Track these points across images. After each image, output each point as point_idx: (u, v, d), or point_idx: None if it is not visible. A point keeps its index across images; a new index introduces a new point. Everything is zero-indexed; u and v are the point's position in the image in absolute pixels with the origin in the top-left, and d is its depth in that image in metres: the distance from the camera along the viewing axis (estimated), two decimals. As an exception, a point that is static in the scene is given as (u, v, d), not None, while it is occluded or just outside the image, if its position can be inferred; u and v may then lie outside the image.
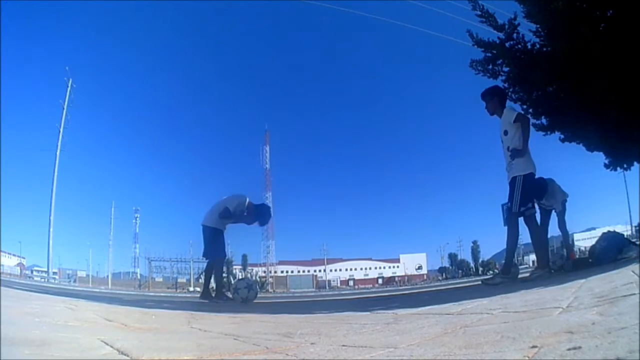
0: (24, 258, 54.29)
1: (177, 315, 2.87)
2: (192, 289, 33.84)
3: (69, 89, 31.63)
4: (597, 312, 1.24)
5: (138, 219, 64.74)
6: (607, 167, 6.27)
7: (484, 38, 5.52)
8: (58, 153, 29.83)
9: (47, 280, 25.31)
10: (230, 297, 4.70)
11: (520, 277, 4.45)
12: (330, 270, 59.08)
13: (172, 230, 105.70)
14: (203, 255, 5.05)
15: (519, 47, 5.34)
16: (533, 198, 4.00)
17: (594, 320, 1.11)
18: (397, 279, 56.86)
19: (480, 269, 49.01)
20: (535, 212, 4.00)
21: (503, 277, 3.83)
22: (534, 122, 5.92)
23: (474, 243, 54.31)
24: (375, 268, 64.28)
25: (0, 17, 28.76)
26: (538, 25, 5.15)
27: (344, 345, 1.26)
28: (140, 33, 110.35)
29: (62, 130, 30.32)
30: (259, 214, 5.02)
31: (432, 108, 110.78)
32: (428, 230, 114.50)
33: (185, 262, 42.46)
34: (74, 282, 38.60)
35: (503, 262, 4.27)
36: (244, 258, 48.33)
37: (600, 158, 6.27)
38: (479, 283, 4.62)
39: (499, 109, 4.04)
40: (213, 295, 4.72)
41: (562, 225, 5.10)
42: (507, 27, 5.29)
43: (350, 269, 62.63)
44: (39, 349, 1.13)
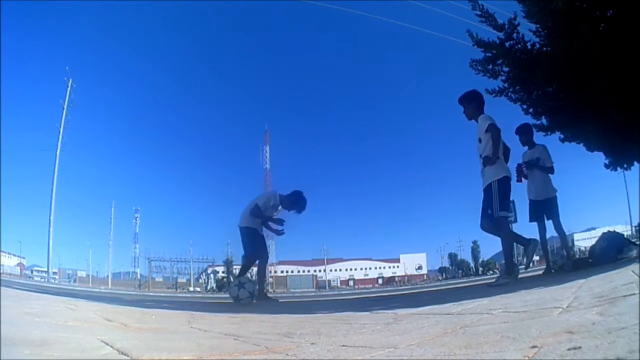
0: (24, 258, 54.37)
1: (177, 315, 2.87)
2: (192, 289, 33.85)
3: (69, 89, 31.66)
4: (597, 312, 1.24)
5: (138, 219, 64.89)
6: (607, 167, 6.27)
7: (484, 38, 5.51)
8: (58, 153, 29.87)
9: (47, 280, 25.31)
10: (270, 297, 4.87)
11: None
12: (330, 270, 59.07)
13: (172, 230, 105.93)
14: (243, 257, 5.11)
15: (519, 47, 5.34)
16: (509, 202, 4.03)
17: (594, 320, 1.10)
18: (397, 279, 56.86)
19: (480, 269, 49.02)
20: (512, 218, 4.03)
21: (507, 278, 3.82)
22: (534, 122, 5.92)
23: (474, 243, 54.30)
24: (375, 268, 64.28)
25: (0, 17, 28.74)
26: (538, 25, 5.14)
27: (344, 345, 1.26)
28: (140, 33, 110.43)
29: (62, 130, 30.37)
30: (293, 202, 4.94)
31: (432, 108, 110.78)
32: (428, 230, 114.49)
33: (185, 262, 42.51)
34: (74, 282, 38.61)
35: (504, 263, 4.28)
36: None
37: (600, 158, 6.28)
38: (480, 283, 4.62)
39: (477, 114, 4.06)
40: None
41: (557, 225, 5.07)
42: (507, 27, 5.29)
43: (350, 269, 62.63)
44: (39, 349, 1.13)
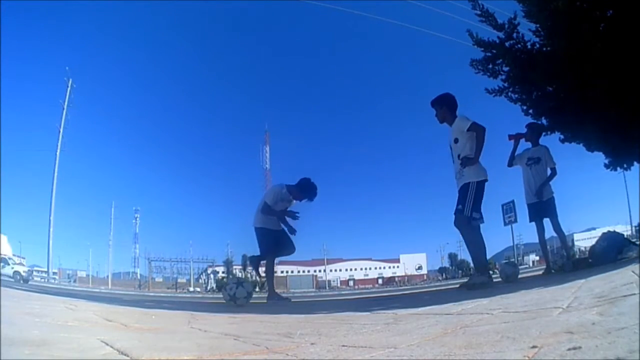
0: (24, 258, 54.31)
1: (177, 315, 2.87)
2: (192, 289, 33.85)
3: (69, 89, 31.69)
4: (597, 312, 1.24)
5: (138, 219, 64.85)
6: (607, 167, 6.26)
7: (484, 38, 5.51)
8: (58, 153, 29.93)
9: (47, 281, 25.31)
10: (284, 297, 4.93)
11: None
12: (330, 271, 59.03)
13: (172, 230, 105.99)
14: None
15: (519, 46, 5.34)
16: (480, 206, 3.82)
17: (594, 320, 1.11)
18: (397, 279, 56.81)
19: (480, 269, 48.88)
20: (483, 222, 3.85)
21: (480, 278, 3.68)
22: (534, 122, 5.92)
23: (474, 243, 54.16)
24: (375, 268, 64.26)
25: (0, 17, 28.75)
26: (538, 25, 5.14)
27: (344, 345, 1.26)
28: (141, 33, 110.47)
29: (62, 130, 30.42)
30: (303, 191, 4.84)
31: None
32: (428, 230, 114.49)
33: (185, 262, 42.51)
34: (74, 282, 38.63)
35: (474, 265, 4.19)
36: (244, 258, 48.26)
37: (600, 158, 6.27)
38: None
39: (449, 117, 4.04)
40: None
41: (556, 226, 5.07)
42: (507, 26, 5.28)
43: (350, 269, 62.61)
44: (39, 349, 1.13)
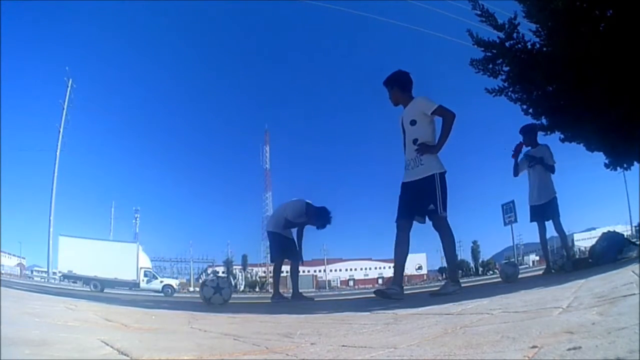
0: (24, 258, 54.30)
1: (177, 316, 2.87)
2: (192, 289, 33.85)
3: (69, 89, 31.66)
4: (597, 312, 1.24)
5: (138, 219, 64.77)
6: (607, 167, 6.26)
7: (484, 38, 5.52)
8: (58, 153, 29.88)
9: (47, 281, 25.31)
10: (287, 297, 5.22)
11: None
12: (330, 271, 59.01)
13: (172, 230, 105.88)
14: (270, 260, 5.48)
15: (519, 46, 5.34)
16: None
17: (594, 320, 1.11)
18: (397, 279, 56.58)
19: (480, 269, 48.99)
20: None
21: (454, 285, 3.32)
22: (534, 122, 5.93)
23: (474, 243, 54.25)
24: (375, 268, 64.17)
25: (0, 17, 28.74)
26: (538, 25, 5.14)
27: (344, 345, 1.26)
28: (141, 33, 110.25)
29: (62, 130, 30.37)
30: (318, 217, 5.15)
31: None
32: (428, 230, 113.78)
33: (185, 262, 42.52)
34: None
35: (449, 269, 3.85)
36: (244, 258, 48.29)
37: (600, 158, 6.27)
38: (480, 283, 4.58)
39: (403, 98, 3.55)
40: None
41: (557, 226, 5.07)
42: (507, 26, 5.29)
43: (350, 269, 62.57)
44: (39, 349, 1.13)
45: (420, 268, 61.87)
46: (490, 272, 41.34)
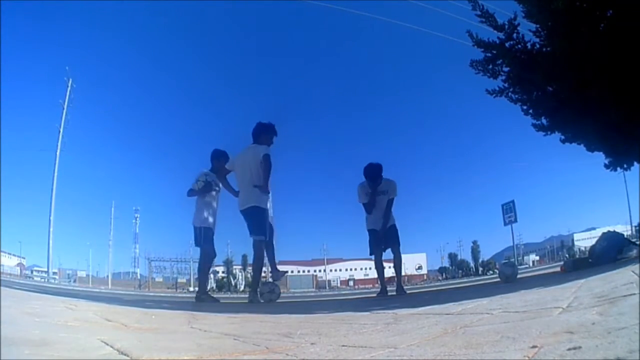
0: (24, 258, 54.37)
1: (177, 315, 2.86)
2: (192, 289, 33.85)
3: (69, 89, 31.60)
4: (597, 312, 1.24)
5: (138, 219, 64.79)
6: (607, 167, 6.26)
7: (484, 38, 5.51)
8: (58, 153, 29.78)
9: (47, 280, 25.29)
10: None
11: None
12: (330, 270, 59.00)
13: (172, 230, 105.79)
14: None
15: (519, 47, 5.34)
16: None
17: (594, 320, 1.11)
18: (397, 279, 56.54)
19: (480, 269, 48.98)
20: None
21: (255, 295, 4.25)
22: (534, 122, 5.93)
23: (474, 243, 54.24)
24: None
25: (1, 17, 28.71)
26: (538, 25, 5.14)
27: (344, 345, 1.26)
28: (141, 33, 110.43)
29: (62, 130, 30.29)
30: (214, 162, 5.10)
31: (431, 108, 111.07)
32: (428, 230, 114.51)
33: (185, 262, 42.44)
34: (74, 282, 38.60)
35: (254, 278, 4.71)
36: (244, 258, 48.26)
37: (600, 158, 6.27)
38: (480, 283, 4.59)
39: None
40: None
41: (396, 253, 5.12)
42: (507, 27, 5.29)
43: (350, 269, 62.53)
44: (39, 349, 1.13)
45: (420, 268, 61.86)
46: (490, 272, 41.34)
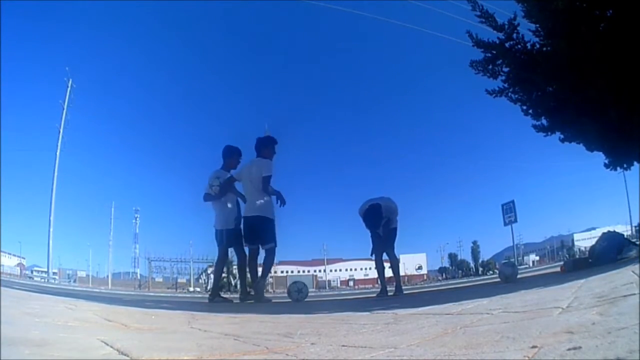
0: (24, 258, 54.33)
1: (177, 315, 2.87)
2: (192, 289, 33.83)
3: (69, 89, 31.59)
4: (597, 312, 1.24)
5: (138, 219, 64.70)
6: (607, 167, 6.26)
7: (484, 38, 5.52)
8: (58, 153, 29.78)
9: (47, 281, 25.28)
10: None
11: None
12: (330, 271, 58.99)
13: (172, 230, 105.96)
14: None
15: (519, 47, 5.34)
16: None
17: (594, 320, 1.11)
18: (397, 279, 56.50)
19: (480, 269, 48.99)
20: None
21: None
22: (534, 122, 5.93)
23: (474, 243, 54.31)
24: (375, 268, 64.05)
25: (1, 17, 28.71)
26: (538, 25, 5.14)
27: (344, 345, 1.26)
28: (141, 33, 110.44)
29: (62, 130, 30.28)
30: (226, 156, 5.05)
31: (431, 108, 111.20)
32: (428, 230, 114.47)
33: (185, 262, 42.41)
34: (74, 282, 38.60)
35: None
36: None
37: (600, 158, 6.27)
38: (480, 283, 4.59)
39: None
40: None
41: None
42: (506, 27, 5.29)
43: (350, 269, 62.53)
44: (39, 349, 1.13)
45: (421, 268, 61.85)
46: (490, 272, 41.35)
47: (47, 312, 2.40)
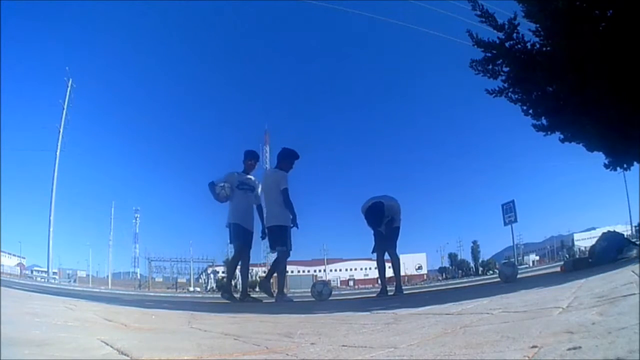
0: (24, 258, 54.30)
1: (177, 315, 2.87)
2: (192, 289, 33.84)
3: (69, 89, 31.59)
4: (597, 312, 1.24)
5: (138, 219, 64.70)
6: (607, 167, 6.26)
7: (484, 38, 5.51)
8: (58, 153, 29.78)
9: (47, 280, 25.28)
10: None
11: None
12: (330, 271, 58.98)
13: (172, 230, 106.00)
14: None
15: (519, 47, 5.33)
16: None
17: (594, 320, 1.11)
18: (397, 279, 56.50)
19: (481, 269, 48.97)
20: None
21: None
22: (534, 122, 5.93)
23: (474, 243, 54.23)
24: (376, 268, 63.96)
25: (1, 17, 28.68)
26: (538, 25, 5.14)
27: (344, 345, 1.26)
28: (141, 33, 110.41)
29: (62, 130, 30.28)
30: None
31: (431, 108, 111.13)
32: (428, 230, 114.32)
33: (185, 262, 42.46)
34: (74, 282, 38.59)
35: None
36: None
37: (600, 158, 6.27)
38: (480, 283, 4.60)
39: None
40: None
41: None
42: (507, 27, 5.28)
43: (350, 269, 62.53)
44: (39, 349, 1.13)
45: (421, 268, 61.85)
46: (490, 272, 41.33)
47: (47, 312, 2.40)
